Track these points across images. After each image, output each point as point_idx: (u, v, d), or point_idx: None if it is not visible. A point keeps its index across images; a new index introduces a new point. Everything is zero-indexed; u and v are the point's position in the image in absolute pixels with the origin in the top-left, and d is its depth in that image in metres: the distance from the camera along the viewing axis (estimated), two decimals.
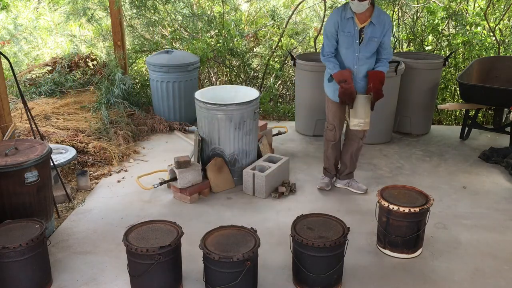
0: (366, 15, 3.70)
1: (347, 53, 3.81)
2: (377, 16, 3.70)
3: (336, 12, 3.79)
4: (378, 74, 3.82)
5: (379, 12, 3.72)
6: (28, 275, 2.89)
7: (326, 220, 3.09)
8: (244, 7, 7.64)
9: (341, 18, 3.74)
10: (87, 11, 7.03)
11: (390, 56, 3.87)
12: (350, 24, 3.73)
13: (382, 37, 3.75)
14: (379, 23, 3.71)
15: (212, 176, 4.27)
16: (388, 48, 3.84)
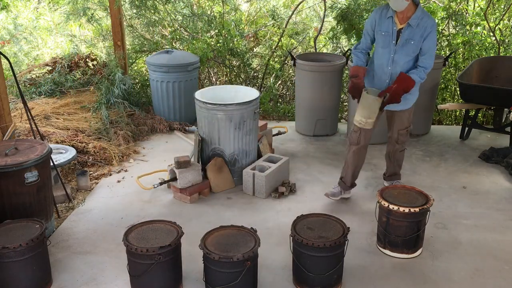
0: (407, 15, 3.56)
1: (383, 53, 3.70)
2: (418, 18, 3.53)
3: (377, 10, 3.71)
4: (407, 80, 3.59)
5: (422, 15, 3.55)
6: (28, 275, 2.89)
7: (326, 220, 3.09)
8: (244, 7, 7.64)
9: (380, 16, 3.66)
10: (87, 11, 7.03)
11: (428, 64, 3.61)
12: (388, 23, 3.63)
13: (421, 41, 3.55)
14: (420, 26, 3.53)
15: (212, 176, 4.27)
16: (427, 55, 3.60)
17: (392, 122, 4.01)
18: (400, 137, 4.03)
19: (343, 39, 7.04)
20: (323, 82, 5.36)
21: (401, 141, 4.05)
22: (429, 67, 3.62)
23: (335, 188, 4.08)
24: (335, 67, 5.38)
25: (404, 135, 4.03)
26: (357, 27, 6.33)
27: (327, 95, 5.43)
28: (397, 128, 3.99)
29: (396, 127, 3.99)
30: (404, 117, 3.93)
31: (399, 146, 4.07)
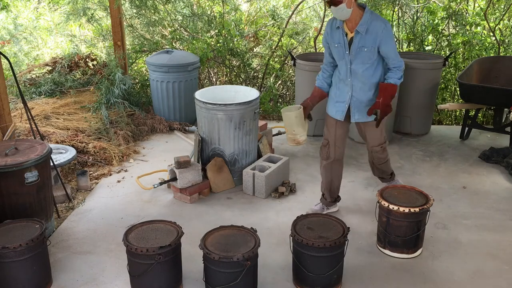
0: (355, 22, 3.29)
1: (341, 65, 3.47)
2: (367, 23, 3.26)
3: (328, 21, 3.48)
4: (388, 88, 3.38)
5: (371, 18, 3.27)
6: (28, 275, 2.89)
7: (326, 220, 3.09)
8: (244, 7, 7.64)
9: (331, 28, 3.42)
10: (87, 11, 7.03)
11: (399, 63, 3.40)
12: (339, 33, 3.37)
13: (375, 46, 3.30)
14: (370, 31, 3.26)
15: (212, 176, 4.27)
16: (392, 57, 3.37)
17: (365, 138, 3.74)
18: (376, 155, 3.76)
19: None
20: None
21: (378, 161, 3.80)
22: (401, 65, 3.41)
23: (316, 206, 3.91)
24: None
25: (380, 152, 3.75)
26: None
27: None
28: (370, 145, 3.72)
29: (369, 143, 3.71)
30: (374, 131, 3.62)
31: (376, 161, 3.85)
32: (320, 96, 3.61)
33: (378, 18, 3.29)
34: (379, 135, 3.65)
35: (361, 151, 5.19)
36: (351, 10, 3.20)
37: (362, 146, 5.31)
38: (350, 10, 3.20)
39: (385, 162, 3.89)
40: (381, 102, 3.36)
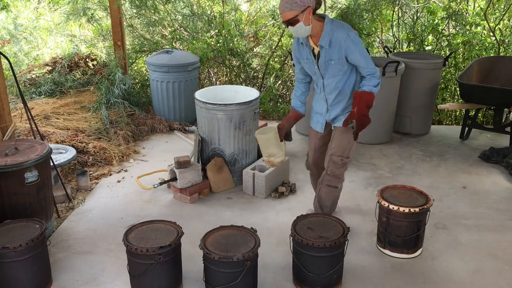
0: (318, 36, 3.09)
1: (315, 80, 3.31)
2: (328, 34, 3.03)
3: (294, 39, 3.30)
4: (363, 96, 3.08)
5: (332, 29, 3.03)
6: (28, 275, 2.89)
7: (326, 220, 3.09)
8: (244, 7, 7.64)
9: (298, 44, 3.23)
10: (87, 11, 7.04)
11: (372, 70, 3.09)
12: (306, 49, 3.19)
13: (342, 57, 3.07)
14: (334, 43, 3.04)
15: (212, 176, 4.27)
16: (363, 65, 3.09)
17: (330, 142, 3.42)
18: (331, 166, 3.34)
19: None
20: None
21: (331, 172, 3.36)
22: (375, 72, 3.11)
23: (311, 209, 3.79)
24: None
25: (337, 164, 3.33)
26: (357, 27, 6.33)
27: None
28: (330, 151, 3.36)
29: (331, 149, 3.36)
30: (342, 138, 3.30)
31: (328, 178, 3.40)
32: (295, 117, 3.42)
33: (340, 28, 3.04)
34: (345, 144, 3.30)
35: (361, 151, 5.19)
36: (310, 27, 3.01)
37: (362, 146, 5.31)
38: (309, 28, 3.01)
39: (334, 187, 3.44)
40: (356, 112, 3.09)
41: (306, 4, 2.92)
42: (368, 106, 3.10)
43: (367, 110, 3.11)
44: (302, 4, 2.91)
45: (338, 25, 3.06)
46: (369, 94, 3.08)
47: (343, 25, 3.08)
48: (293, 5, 2.91)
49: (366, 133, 5.28)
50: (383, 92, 5.17)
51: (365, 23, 6.40)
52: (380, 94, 5.10)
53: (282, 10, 2.96)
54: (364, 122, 3.13)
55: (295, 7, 2.91)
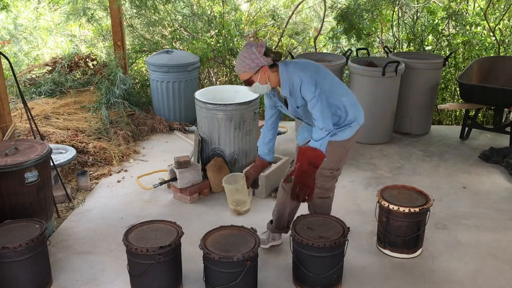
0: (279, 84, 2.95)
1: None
2: (286, 83, 2.87)
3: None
4: (308, 153, 2.83)
5: (288, 78, 2.86)
6: (28, 275, 2.89)
7: (326, 220, 3.09)
8: (244, 7, 7.64)
9: (266, 94, 3.09)
10: (87, 11, 7.03)
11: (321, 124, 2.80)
12: (275, 99, 3.06)
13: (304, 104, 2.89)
14: (292, 90, 2.88)
15: (212, 176, 4.27)
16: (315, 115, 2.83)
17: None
18: (320, 179, 3.11)
19: (343, 39, 7.04)
20: None
21: (320, 185, 3.16)
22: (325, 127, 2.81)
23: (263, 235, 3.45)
24: (335, 67, 5.37)
25: (326, 178, 3.15)
26: (357, 27, 6.33)
27: None
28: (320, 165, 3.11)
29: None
30: (334, 152, 3.05)
31: (317, 191, 3.16)
32: (262, 165, 3.29)
33: (294, 74, 2.85)
34: (336, 157, 3.08)
35: (361, 151, 5.19)
36: (268, 85, 2.90)
37: (362, 146, 5.31)
38: (266, 86, 2.89)
39: (325, 198, 3.28)
40: (296, 168, 2.87)
41: (259, 65, 2.81)
42: (311, 164, 2.82)
43: (310, 168, 2.83)
44: (254, 66, 2.81)
45: (293, 71, 2.87)
46: (314, 151, 2.82)
47: (298, 70, 2.87)
48: (245, 67, 2.82)
49: (366, 133, 5.34)
50: (383, 92, 5.19)
51: (365, 23, 6.40)
52: (380, 94, 5.17)
53: (237, 72, 2.90)
54: (304, 180, 2.85)
55: (248, 69, 2.82)
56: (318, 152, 2.82)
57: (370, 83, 5.15)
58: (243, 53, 2.84)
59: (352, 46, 6.66)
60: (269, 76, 2.88)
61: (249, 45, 2.84)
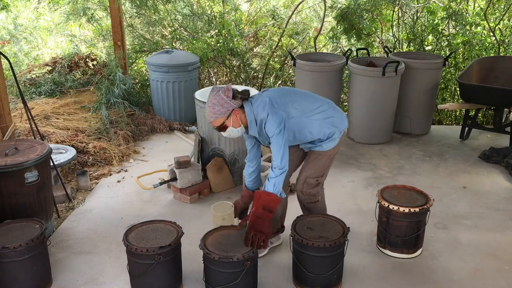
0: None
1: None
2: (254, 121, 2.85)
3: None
4: (263, 197, 2.78)
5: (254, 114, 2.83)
6: (28, 275, 2.89)
7: (326, 220, 3.09)
8: (244, 7, 7.64)
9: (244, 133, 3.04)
10: (87, 11, 7.04)
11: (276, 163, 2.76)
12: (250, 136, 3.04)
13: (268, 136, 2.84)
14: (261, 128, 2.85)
15: (212, 176, 4.27)
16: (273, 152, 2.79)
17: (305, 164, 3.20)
18: (305, 187, 3.17)
19: (343, 39, 7.05)
20: (323, 82, 5.36)
21: (306, 193, 3.20)
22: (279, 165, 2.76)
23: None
24: (335, 67, 5.38)
25: (311, 185, 3.17)
26: (357, 27, 6.33)
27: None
28: (305, 173, 3.16)
29: (306, 172, 3.16)
30: (319, 161, 3.10)
31: (305, 197, 3.23)
32: (249, 197, 3.15)
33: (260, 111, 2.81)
34: (321, 166, 3.12)
35: (361, 151, 5.19)
36: (242, 127, 2.88)
37: (362, 146, 5.31)
38: (240, 128, 2.88)
39: (314, 202, 3.27)
40: (251, 213, 2.79)
41: (230, 109, 2.78)
42: (266, 208, 2.76)
43: (265, 213, 2.76)
44: (225, 111, 2.77)
45: (259, 107, 2.82)
46: (268, 195, 2.77)
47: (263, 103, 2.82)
48: (217, 113, 2.78)
49: (366, 133, 5.36)
50: (383, 92, 5.19)
51: (365, 23, 6.40)
52: (380, 94, 5.17)
53: (208, 119, 2.85)
54: (258, 225, 2.76)
55: (219, 115, 2.78)
56: (272, 196, 2.77)
57: (370, 83, 5.15)
58: (212, 99, 2.78)
59: (352, 46, 6.66)
60: (241, 118, 2.85)
61: (215, 90, 2.80)
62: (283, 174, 2.79)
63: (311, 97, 3.07)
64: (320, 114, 2.99)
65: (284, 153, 2.78)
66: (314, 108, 2.99)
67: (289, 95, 2.97)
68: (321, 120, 2.98)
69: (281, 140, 2.76)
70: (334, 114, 3.05)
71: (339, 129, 3.04)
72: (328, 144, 3.05)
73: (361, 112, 5.34)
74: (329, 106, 3.06)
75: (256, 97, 2.92)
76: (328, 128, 3.00)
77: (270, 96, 2.89)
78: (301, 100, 2.98)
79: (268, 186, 2.80)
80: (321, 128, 2.98)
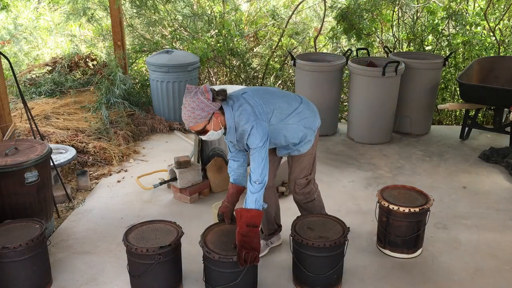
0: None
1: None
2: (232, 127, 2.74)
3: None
4: (244, 214, 2.69)
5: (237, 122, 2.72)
6: (28, 275, 2.89)
7: (326, 220, 3.09)
8: (244, 7, 7.64)
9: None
10: (87, 11, 7.04)
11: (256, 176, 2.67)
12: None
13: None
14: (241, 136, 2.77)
15: (212, 176, 4.27)
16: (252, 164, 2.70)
17: (290, 167, 3.19)
18: (297, 187, 3.17)
19: (343, 39, 7.05)
20: (323, 82, 5.37)
21: (301, 193, 3.19)
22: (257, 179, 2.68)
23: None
24: (335, 67, 5.38)
25: (303, 185, 3.17)
26: (357, 27, 6.34)
27: (327, 95, 5.43)
28: (294, 177, 3.16)
29: (293, 174, 3.16)
30: (303, 162, 3.09)
31: (301, 197, 3.23)
32: (237, 192, 3.00)
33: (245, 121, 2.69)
34: (305, 165, 3.11)
35: (361, 151, 5.19)
36: (222, 129, 2.76)
37: (362, 146, 5.31)
38: (221, 131, 2.76)
39: (311, 201, 3.24)
40: (237, 233, 2.69)
41: (210, 112, 2.64)
42: (250, 225, 2.67)
43: (250, 229, 2.67)
44: (206, 114, 2.63)
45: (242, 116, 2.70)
46: (249, 212, 2.68)
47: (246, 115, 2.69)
48: (196, 119, 2.63)
49: (366, 133, 5.36)
50: (383, 92, 5.19)
51: (365, 23, 6.40)
52: (380, 94, 5.17)
53: (187, 124, 2.68)
54: (247, 244, 2.67)
55: (199, 120, 2.63)
56: (253, 212, 2.68)
57: (370, 83, 5.15)
58: (190, 103, 2.62)
59: (352, 46, 6.66)
60: (221, 121, 2.73)
61: (193, 92, 2.64)
62: (263, 188, 2.71)
63: (287, 97, 2.97)
64: (295, 117, 2.91)
65: (264, 166, 2.68)
66: (291, 112, 2.90)
67: (270, 99, 2.85)
68: (296, 124, 2.91)
69: (263, 153, 2.68)
70: (308, 114, 2.98)
71: (312, 128, 3.00)
72: (304, 146, 3.01)
73: (361, 112, 5.34)
74: (304, 106, 2.97)
75: (236, 99, 2.76)
76: (301, 131, 2.95)
77: (252, 104, 2.74)
78: (280, 103, 2.87)
79: (249, 203, 2.69)
80: (295, 132, 2.93)
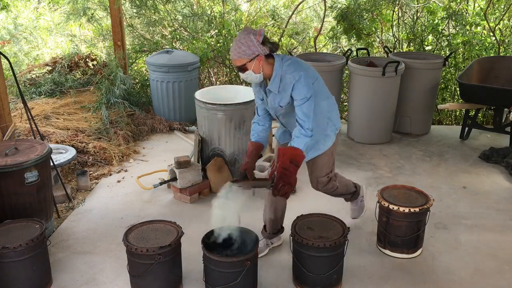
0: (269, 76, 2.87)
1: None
2: (279, 77, 2.81)
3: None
4: (288, 152, 2.75)
5: (282, 71, 2.80)
6: (28, 275, 2.89)
7: (326, 220, 3.09)
8: (244, 7, 7.64)
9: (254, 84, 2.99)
10: (87, 11, 7.04)
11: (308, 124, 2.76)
12: (261, 90, 2.97)
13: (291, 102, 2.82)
14: (284, 86, 2.81)
15: (212, 176, 4.27)
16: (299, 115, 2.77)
17: (310, 169, 3.26)
18: (320, 185, 3.26)
19: (343, 39, 7.05)
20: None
21: (324, 189, 3.30)
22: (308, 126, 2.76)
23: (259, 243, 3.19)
24: (335, 67, 5.38)
25: (325, 182, 3.25)
26: (357, 27, 6.33)
27: None
28: (315, 176, 3.24)
29: (315, 173, 3.23)
30: (321, 162, 3.15)
31: (324, 191, 3.34)
32: (257, 148, 3.06)
33: (292, 70, 2.79)
34: (326, 164, 3.17)
35: (361, 151, 5.19)
36: (261, 74, 2.81)
37: (362, 146, 5.31)
38: (259, 75, 2.81)
39: (335, 190, 3.35)
40: (278, 165, 2.77)
41: (255, 53, 2.73)
42: (293, 161, 2.74)
43: (291, 165, 2.74)
44: (250, 53, 2.72)
45: (291, 67, 2.80)
46: (295, 150, 2.76)
47: (298, 66, 2.82)
48: (241, 54, 2.74)
49: (366, 133, 5.36)
50: (383, 92, 5.20)
51: (365, 23, 6.40)
52: (380, 94, 5.17)
53: (231, 56, 2.81)
54: (286, 176, 2.74)
55: (243, 55, 2.73)
56: (297, 150, 2.76)
57: (370, 83, 5.15)
58: (241, 38, 2.74)
59: (352, 46, 6.66)
60: (263, 66, 2.80)
61: (247, 31, 2.75)
62: (311, 136, 2.80)
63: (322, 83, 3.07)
64: (326, 104, 3.01)
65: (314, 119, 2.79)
66: (327, 97, 3.03)
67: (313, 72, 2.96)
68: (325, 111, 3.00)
69: (312, 106, 2.77)
70: (336, 111, 3.13)
71: (335, 126, 3.09)
72: (327, 142, 3.08)
73: (361, 112, 5.34)
74: (335, 103, 3.15)
75: (287, 57, 2.88)
76: (325, 121, 3.03)
77: (303, 63, 2.90)
78: (320, 81, 2.99)
79: (298, 143, 2.75)
80: (320, 118, 2.97)
